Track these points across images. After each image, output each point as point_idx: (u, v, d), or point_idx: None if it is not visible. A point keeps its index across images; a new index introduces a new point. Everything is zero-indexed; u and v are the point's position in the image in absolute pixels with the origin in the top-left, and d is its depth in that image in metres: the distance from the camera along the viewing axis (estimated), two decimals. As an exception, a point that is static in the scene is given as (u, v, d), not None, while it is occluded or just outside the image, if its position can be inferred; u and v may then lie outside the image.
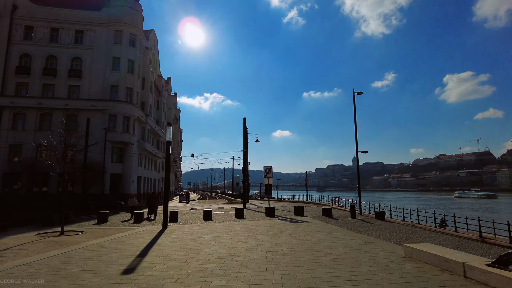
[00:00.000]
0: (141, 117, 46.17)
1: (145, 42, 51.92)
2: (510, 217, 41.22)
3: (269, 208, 20.82)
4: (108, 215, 20.17)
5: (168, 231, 14.20)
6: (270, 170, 23.83)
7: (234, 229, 14.03)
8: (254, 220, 18.03)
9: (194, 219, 19.79)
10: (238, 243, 10.06)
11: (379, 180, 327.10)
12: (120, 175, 40.82)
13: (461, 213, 38.31)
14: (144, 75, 51.07)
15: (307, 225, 15.04)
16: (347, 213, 24.19)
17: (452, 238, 14.45)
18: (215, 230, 13.85)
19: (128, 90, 43.41)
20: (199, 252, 8.74)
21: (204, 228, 14.68)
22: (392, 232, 15.12)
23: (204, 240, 10.82)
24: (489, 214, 44.60)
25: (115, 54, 43.07)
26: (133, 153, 43.03)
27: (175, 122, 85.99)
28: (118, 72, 42.67)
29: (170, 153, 16.50)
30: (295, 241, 10.07)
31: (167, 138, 16.31)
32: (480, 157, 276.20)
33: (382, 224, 18.20)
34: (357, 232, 14.37)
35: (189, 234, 12.65)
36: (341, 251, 8.28)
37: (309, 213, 22.82)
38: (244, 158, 32.33)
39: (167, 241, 11.04)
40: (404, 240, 13.05)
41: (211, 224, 16.72)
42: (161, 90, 66.53)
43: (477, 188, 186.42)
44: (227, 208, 29.86)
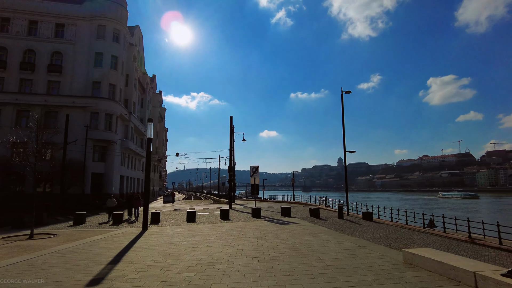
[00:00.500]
0: (124, 114, 44.76)
1: (129, 38, 50.46)
2: (494, 217, 42.02)
3: (255, 209, 20.16)
4: (85, 216, 19.09)
5: (147, 233, 13.34)
6: (256, 170, 23.15)
7: (218, 231, 13.30)
8: (239, 222, 17.33)
9: (177, 220, 18.93)
10: (221, 247, 9.35)
11: (364, 181, 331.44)
12: (102, 174, 39.46)
13: (447, 213, 38.48)
14: (128, 72, 49.58)
15: (295, 227, 14.44)
16: (334, 213, 23.82)
17: (442, 240, 14.15)
18: (198, 232, 13.08)
19: (111, 87, 41.99)
20: (178, 258, 7.98)
21: (186, 231, 13.88)
22: (382, 233, 14.72)
23: (185, 244, 10.04)
24: (474, 214, 45.31)
25: (97, 50, 41.61)
26: (115, 152, 41.65)
27: (160, 120, 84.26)
28: (100, 68, 41.24)
29: (151, 151, 15.62)
30: (283, 245, 9.44)
31: (148, 135, 15.43)
32: (461, 158, 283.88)
33: (370, 225, 17.82)
34: (346, 233, 13.89)
35: (170, 237, 11.84)
36: (333, 257, 7.69)
37: (296, 213, 22.29)
38: (230, 158, 31.58)
39: (145, 245, 10.22)
40: (395, 242, 12.63)
41: (195, 226, 15.93)
42: (146, 88, 64.97)
43: (459, 188, 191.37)
44: (212, 208, 29.04)
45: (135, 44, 55.06)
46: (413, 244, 12.49)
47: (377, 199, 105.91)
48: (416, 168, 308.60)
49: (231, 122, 31.51)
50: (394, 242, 12.63)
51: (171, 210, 28.63)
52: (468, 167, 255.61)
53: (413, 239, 13.63)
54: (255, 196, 26.24)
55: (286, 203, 38.41)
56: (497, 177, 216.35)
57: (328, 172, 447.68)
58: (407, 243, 12.72)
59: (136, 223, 17.71)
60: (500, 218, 36.72)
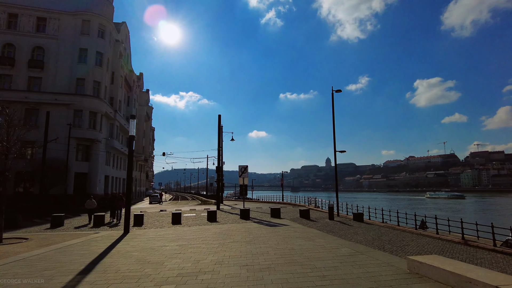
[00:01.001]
0: (109, 113, 43.46)
1: (115, 35, 49.13)
2: (482, 217, 42.37)
3: (244, 210, 19.46)
4: (64, 218, 18.02)
5: (129, 237, 12.49)
6: (245, 170, 22.45)
7: (204, 234, 12.55)
8: (227, 224, 16.60)
9: (162, 222, 18.07)
10: (206, 254, 8.61)
11: (352, 181, 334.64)
12: (85, 174, 38.24)
13: (435, 213, 38.54)
14: (113, 69, 48.26)
15: (286, 229, 13.81)
16: (324, 214, 23.36)
17: (435, 241, 13.75)
18: (183, 236, 12.30)
19: (96, 84, 40.74)
20: (158, 266, 7.21)
21: (170, 234, 13.08)
22: (374, 235, 14.26)
23: (167, 250, 9.27)
24: (463, 215, 45.56)
25: (82, 46, 40.28)
26: (100, 151, 40.38)
27: (147, 119, 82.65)
28: (85, 65, 39.95)
29: (133, 149, 14.77)
30: (274, 251, 8.77)
31: (131, 133, 14.57)
32: (446, 159, 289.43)
33: (362, 226, 17.38)
34: (338, 236, 13.36)
35: (152, 242, 11.04)
36: (330, 265, 7.04)
37: (285, 214, 21.70)
38: (218, 157, 30.76)
39: (123, 250, 9.39)
40: (388, 245, 12.17)
41: (180, 228, 15.12)
42: (132, 86, 63.53)
43: (444, 188, 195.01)
44: (200, 209, 28.20)
45: (122, 41, 53.72)
46: (406, 247, 12.05)
47: (364, 199, 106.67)
48: (402, 168, 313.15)
49: (219, 120, 30.79)
50: (387, 245, 12.17)
51: (156, 211, 27.67)
52: (453, 167, 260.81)
53: (406, 241, 13.20)
54: (244, 196, 25.52)
55: (275, 204, 37.84)
56: (480, 177, 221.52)
57: (316, 172, 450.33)
58: (401, 245, 12.28)
59: (118, 226, 16.78)
60: (487, 218, 37.10)
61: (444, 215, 31.24)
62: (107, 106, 42.66)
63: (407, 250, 11.21)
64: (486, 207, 69.53)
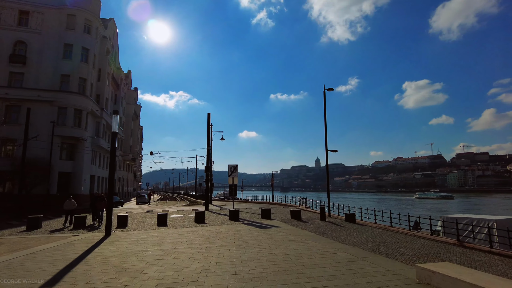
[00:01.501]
0: (95, 111, 42.22)
1: (102, 31, 47.82)
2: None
3: (233, 211, 18.75)
4: (41, 219, 16.99)
5: (109, 240, 11.65)
6: (235, 169, 21.72)
7: (191, 237, 11.81)
8: (215, 225, 15.87)
9: (147, 224, 17.22)
10: (191, 260, 7.88)
11: (341, 181, 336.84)
12: (70, 173, 37.07)
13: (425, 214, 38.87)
14: (100, 66, 46.98)
15: (277, 231, 13.18)
16: (315, 215, 22.89)
17: (430, 243, 13.33)
18: (167, 239, 11.53)
19: (81, 80, 39.50)
20: (136, 275, 6.46)
21: (154, 237, 12.29)
22: (367, 236, 13.77)
23: (148, 255, 8.50)
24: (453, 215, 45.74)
25: (67, 41, 39.04)
26: (85, 150, 39.16)
27: (135, 118, 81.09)
28: (70, 61, 38.72)
29: (116, 146, 13.92)
30: (266, 257, 8.09)
31: (113, 129, 13.72)
32: (433, 160, 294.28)
33: (354, 227, 16.92)
34: (331, 237, 12.81)
35: (134, 245, 10.25)
36: (328, 273, 6.40)
37: (276, 215, 21.09)
38: (207, 156, 29.96)
39: (100, 256, 8.58)
40: (383, 247, 11.69)
41: (165, 230, 14.33)
42: (120, 84, 62.14)
43: (433, 189, 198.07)
44: (187, 210, 27.36)
45: (109, 38, 52.44)
46: (402, 249, 11.58)
47: (353, 199, 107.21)
48: (391, 169, 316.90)
49: (208, 119, 29.99)
50: (382, 247, 11.69)
51: (143, 212, 26.73)
52: (440, 168, 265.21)
53: (400, 243, 12.74)
54: (233, 197, 24.77)
55: (265, 204, 37.24)
56: (466, 178, 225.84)
57: (306, 172, 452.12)
58: (396, 247, 11.81)
59: (100, 228, 15.85)
60: None
61: (435, 215, 31.13)
62: (93, 104, 41.47)
63: (403, 253, 10.76)
64: (473, 207, 70.49)
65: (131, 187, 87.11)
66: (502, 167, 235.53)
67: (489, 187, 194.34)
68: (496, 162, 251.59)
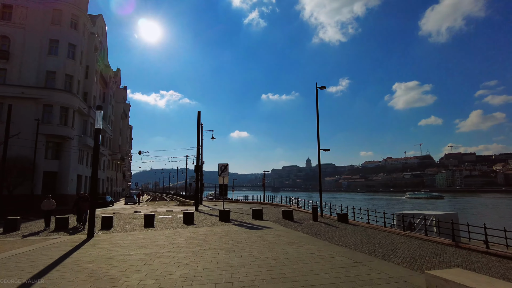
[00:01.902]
0: (82, 109, 41.05)
1: (90, 27, 46.61)
2: (468, 218, 42.64)
3: (223, 211, 18.12)
4: (20, 221, 16.08)
5: (91, 243, 10.92)
6: (225, 168, 21.08)
7: (178, 240, 11.16)
8: (205, 227, 15.23)
9: (133, 225, 16.48)
10: (176, 265, 7.26)
11: (331, 181, 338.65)
12: (55, 173, 35.92)
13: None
14: (88, 63, 45.80)
15: (269, 233, 12.64)
16: (307, 215, 22.44)
17: (425, 243, 12.97)
18: (153, 242, 10.87)
19: (68, 77, 38.34)
20: (112, 284, 5.80)
21: (139, 239, 11.61)
22: (362, 237, 13.35)
23: (130, 260, 7.84)
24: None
25: (52, 36, 37.80)
26: (72, 149, 38.02)
27: (124, 117, 79.59)
28: (56, 57, 37.51)
29: (99, 143, 13.18)
30: (257, 262, 7.52)
31: (97, 125, 12.98)
32: (422, 160, 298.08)
33: (347, 227, 16.50)
34: (325, 239, 12.35)
35: (116, 249, 9.56)
36: (327, 281, 5.83)
37: (268, 215, 20.56)
38: (197, 156, 29.25)
39: (78, 261, 7.88)
40: (378, 248, 11.27)
41: (151, 232, 13.64)
42: (109, 82, 60.79)
43: (422, 189, 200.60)
44: (177, 211, 26.62)
45: (97, 34, 51.21)
46: (397, 250, 11.18)
47: (343, 199, 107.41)
48: (380, 169, 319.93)
49: (198, 117, 29.27)
50: (377, 248, 11.27)
51: (130, 212, 25.90)
52: (429, 168, 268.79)
53: (396, 244, 12.35)
54: (224, 197, 24.11)
55: (256, 204, 36.71)
56: (454, 178, 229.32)
57: (296, 172, 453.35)
58: (391, 248, 11.41)
59: (84, 231, 15.04)
60: (473, 219, 37.33)
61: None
62: (80, 102, 40.36)
63: (400, 254, 10.35)
64: (462, 206, 71.27)
65: (120, 187, 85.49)
66: (489, 167, 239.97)
67: (476, 187, 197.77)
68: (483, 162, 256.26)
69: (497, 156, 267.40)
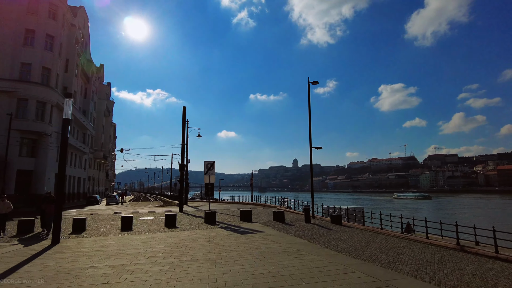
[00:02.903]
0: (62, 104, 38.73)
1: (71, 18, 44.30)
2: (463, 218, 42.31)
3: (209, 213, 16.67)
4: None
5: (52, 251, 9.32)
6: (212, 166, 19.57)
7: (156, 247, 9.68)
8: (188, 230, 13.76)
9: (110, 228, 14.86)
10: (146, 285, 5.83)
11: (317, 181, 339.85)
12: (31, 172, 33.78)
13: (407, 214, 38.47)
14: (68, 56, 43.51)
15: (261, 238, 11.28)
16: (298, 216, 21.28)
17: (429, 248, 11.93)
18: (126, 249, 9.36)
19: (46, 70, 36.17)
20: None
21: (111, 246, 10.08)
22: (360, 241, 12.24)
23: (90, 276, 6.32)
24: (442, 216, 45.54)
25: (28, 26, 35.59)
26: (49, 146, 35.79)
27: (107, 114, 76.87)
28: (31, 48, 35.34)
29: (67, 136, 11.58)
30: (252, 281, 6.02)
31: (65, 115, 11.38)
32: (406, 161, 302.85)
33: (342, 230, 15.37)
34: (321, 243, 11.16)
35: (79, 259, 8.02)
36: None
37: (257, 217, 19.24)
38: (182, 154, 27.63)
39: (23, 277, 6.31)
40: (380, 253, 10.16)
41: (127, 237, 12.10)
42: (91, 77, 58.22)
43: (405, 189, 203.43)
44: (159, 212, 24.99)
45: (79, 27, 48.84)
46: (402, 256, 10.09)
47: (329, 199, 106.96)
48: (366, 170, 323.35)
49: (184, 113, 27.63)
50: (380, 254, 10.15)
51: (110, 213, 24.12)
52: (413, 169, 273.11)
53: (397, 249, 11.27)
54: (210, 197, 22.52)
55: (244, 205, 35.37)
56: (437, 179, 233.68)
57: (283, 173, 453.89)
58: (395, 254, 10.32)
59: (49, 236, 13.28)
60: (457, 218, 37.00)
61: (419, 215, 30.42)
62: (59, 96, 38.14)
63: (405, 261, 9.25)
64: (452, 206, 71.70)
65: (103, 187, 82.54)
66: (470, 168, 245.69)
67: (458, 188, 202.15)
68: (465, 163, 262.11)
69: (477, 157, 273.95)
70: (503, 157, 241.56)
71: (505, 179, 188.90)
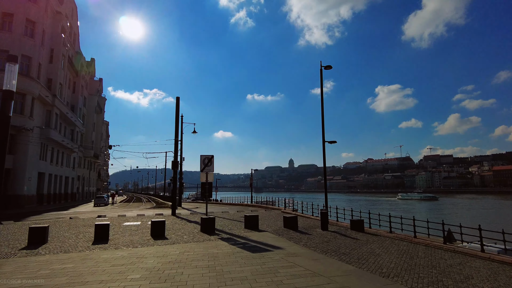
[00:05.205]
0: (45, 96, 35.56)
1: (56, 5, 41.02)
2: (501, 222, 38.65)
3: (206, 219, 13.53)
4: None
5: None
6: (210, 162, 16.32)
7: (128, 276, 6.60)
8: (179, 243, 10.64)
9: (80, 238, 11.71)
10: None
11: (313, 182, 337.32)
12: (9, 170, 30.72)
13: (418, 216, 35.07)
14: (53, 46, 40.29)
15: (286, 263, 8.16)
16: (310, 221, 18.37)
17: (493, 265, 8.86)
18: (82, 279, 6.28)
19: (25, 59, 33.07)
20: None
21: (66, 270, 6.98)
22: (400, 256, 9.26)
23: None
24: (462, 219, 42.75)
25: (5, 9, 32.54)
26: (30, 142, 32.56)
27: (99, 111, 73.30)
28: (9, 33, 32.33)
29: (9, 115, 8.50)
30: None
31: (5, 85, 8.28)
32: (402, 162, 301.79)
33: (369, 239, 12.38)
34: (356, 265, 8.18)
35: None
36: None
37: (263, 222, 16.21)
38: (175, 150, 24.45)
39: None
40: (441, 276, 7.19)
41: (96, 254, 8.99)
42: (80, 70, 54.68)
43: (400, 189, 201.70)
44: (149, 215, 21.80)
45: (66, 15, 45.49)
46: (470, 279, 7.17)
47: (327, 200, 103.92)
48: (361, 170, 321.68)
49: (177, 104, 24.47)
50: (443, 278, 7.20)
51: (92, 217, 20.94)
52: (408, 170, 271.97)
53: (458, 270, 8.24)
54: (207, 199, 19.04)
55: (243, 206, 32.26)
56: (433, 179, 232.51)
57: (279, 173, 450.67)
58: (460, 279, 7.35)
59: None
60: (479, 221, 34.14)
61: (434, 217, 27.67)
62: (42, 88, 34.96)
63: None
64: (469, 207, 68.96)
65: (94, 187, 78.83)
66: (465, 169, 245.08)
67: (453, 188, 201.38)
68: (460, 164, 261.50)
69: (472, 158, 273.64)
70: (497, 157, 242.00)
71: (501, 179, 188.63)
